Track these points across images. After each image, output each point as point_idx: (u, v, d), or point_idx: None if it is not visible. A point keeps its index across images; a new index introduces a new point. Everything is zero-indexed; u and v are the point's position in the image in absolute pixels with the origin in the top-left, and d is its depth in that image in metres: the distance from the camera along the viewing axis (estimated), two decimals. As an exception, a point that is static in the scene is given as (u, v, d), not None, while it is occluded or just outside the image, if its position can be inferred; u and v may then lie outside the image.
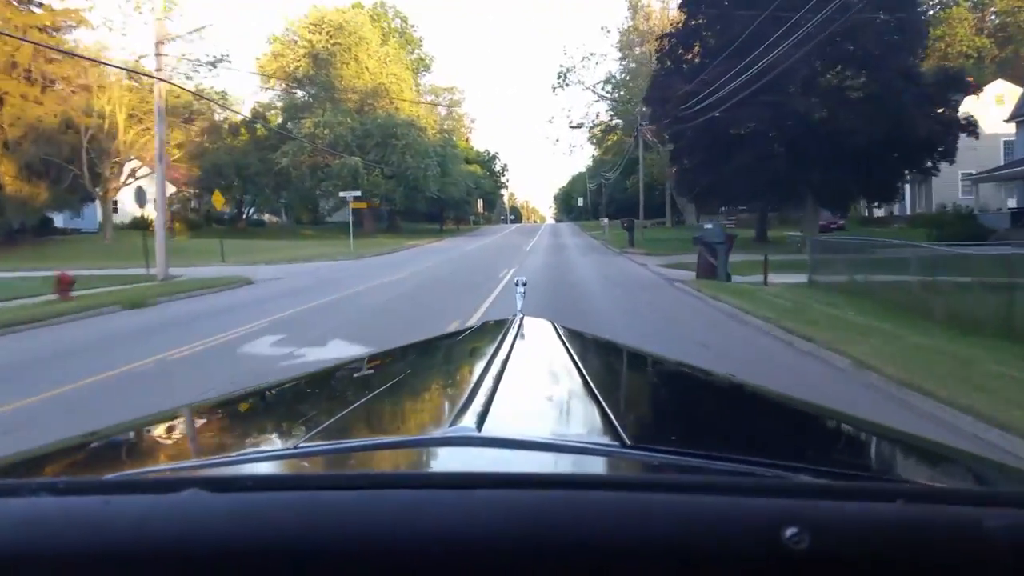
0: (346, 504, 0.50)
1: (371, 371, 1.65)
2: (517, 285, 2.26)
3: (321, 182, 52.43)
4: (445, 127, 60.39)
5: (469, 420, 0.77)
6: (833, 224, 38.62)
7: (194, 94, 41.88)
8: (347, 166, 49.75)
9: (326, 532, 0.48)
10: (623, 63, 57.47)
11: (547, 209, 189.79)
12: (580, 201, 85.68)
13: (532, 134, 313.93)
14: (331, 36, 52.73)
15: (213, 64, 41.26)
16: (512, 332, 1.59)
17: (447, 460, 0.71)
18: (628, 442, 0.73)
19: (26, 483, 0.55)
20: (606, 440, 0.75)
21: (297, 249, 34.38)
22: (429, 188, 51.83)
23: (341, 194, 35.41)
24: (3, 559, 0.47)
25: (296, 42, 53.91)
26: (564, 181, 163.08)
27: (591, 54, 58.33)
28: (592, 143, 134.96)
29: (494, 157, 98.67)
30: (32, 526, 0.49)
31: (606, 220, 41.37)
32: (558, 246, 36.73)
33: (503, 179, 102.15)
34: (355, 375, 1.62)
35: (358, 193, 35.01)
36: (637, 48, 56.72)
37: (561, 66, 53.43)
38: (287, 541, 0.47)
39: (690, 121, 25.51)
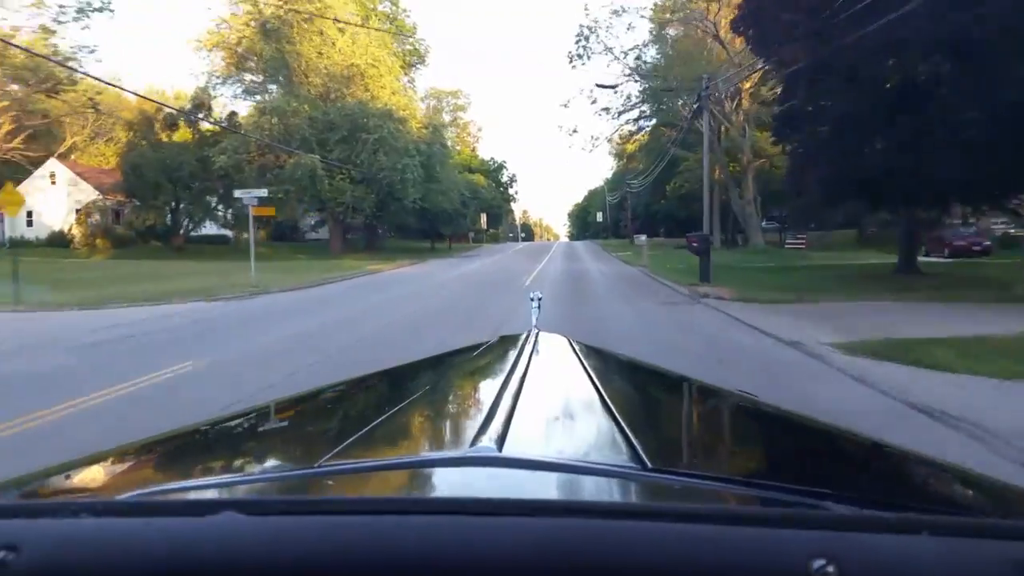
0: (375, 529, 0.51)
1: (389, 387, 1.65)
2: (532, 300, 2.26)
3: (269, 187, 41.03)
4: (434, 122, 48.56)
5: (489, 440, 0.77)
6: (976, 245, 26.51)
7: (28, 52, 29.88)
8: (301, 167, 38.38)
9: (355, 557, 0.50)
10: (656, 44, 45.51)
11: (561, 227, 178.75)
12: (599, 216, 74.37)
13: (546, 149, 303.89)
14: (285, 1, 41.54)
15: (82, 12, 29.79)
16: (528, 348, 1.57)
17: (470, 481, 0.71)
18: (649, 464, 0.74)
19: (67, 504, 0.58)
20: (627, 462, 0.75)
21: (179, 279, 22.80)
22: (408, 196, 40.18)
23: (237, 194, 23.83)
24: None
25: (240, 7, 42.55)
26: (580, 197, 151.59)
27: (621, 9, 45.29)
28: (612, 154, 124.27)
29: (501, 167, 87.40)
30: (74, 548, 0.51)
31: (644, 238, 29.04)
32: (575, 275, 24.90)
33: (511, 191, 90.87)
34: (373, 391, 1.63)
35: (262, 193, 23.36)
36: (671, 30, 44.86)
37: (581, 27, 41.15)
38: (317, 565, 0.49)
39: (821, 53, 13.58)
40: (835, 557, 0.46)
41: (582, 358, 1.58)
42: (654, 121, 50.57)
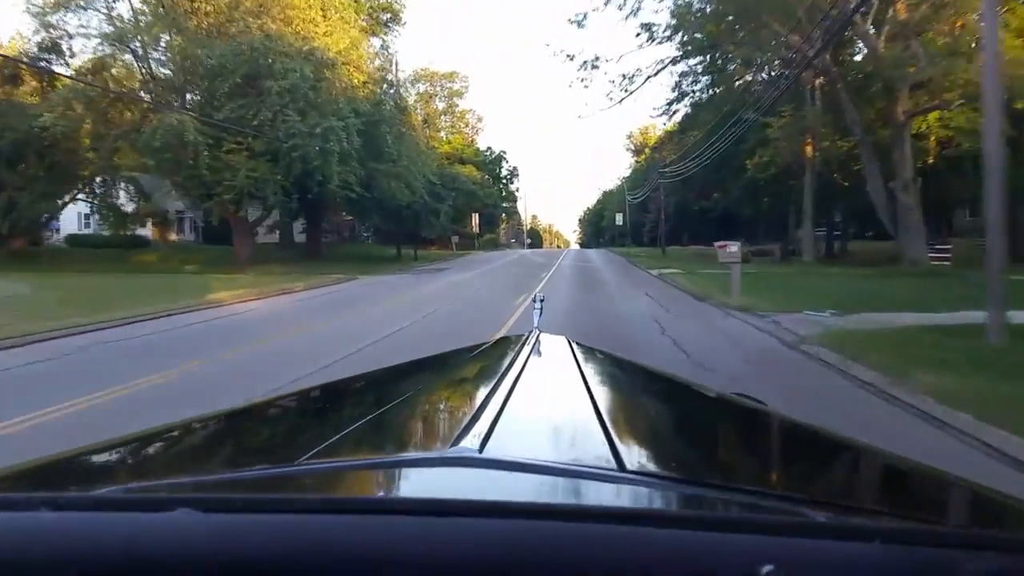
0: (333, 528, 0.51)
1: (379, 387, 1.66)
2: (535, 301, 2.27)
3: (113, 159, 26.95)
4: (386, 75, 34.08)
5: (472, 441, 0.78)
6: None
7: None
8: (162, 128, 24.36)
9: (312, 556, 0.49)
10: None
11: (572, 234, 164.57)
12: (618, 218, 60.33)
13: (557, 151, 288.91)
14: None
15: None
16: (527, 349, 1.58)
17: (445, 482, 0.71)
18: (627, 467, 0.75)
19: (28, 497, 0.59)
20: (603, 464, 0.75)
21: None
22: (330, 176, 25.96)
23: None
24: (5, 570, 0.49)
25: None
26: (592, 202, 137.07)
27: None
28: (629, 150, 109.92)
29: (499, 158, 73.37)
30: (31, 539, 0.52)
31: (735, 248, 14.14)
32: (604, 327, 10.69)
33: (512, 187, 76.76)
34: (363, 391, 1.63)
35: None
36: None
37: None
38: (272, 564, 0.49)
39: None
40: (784, 563, 0.45)
41: (579, 360, 1.58)
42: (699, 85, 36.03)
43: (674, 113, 39.26)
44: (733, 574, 0.46)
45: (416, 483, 0.73)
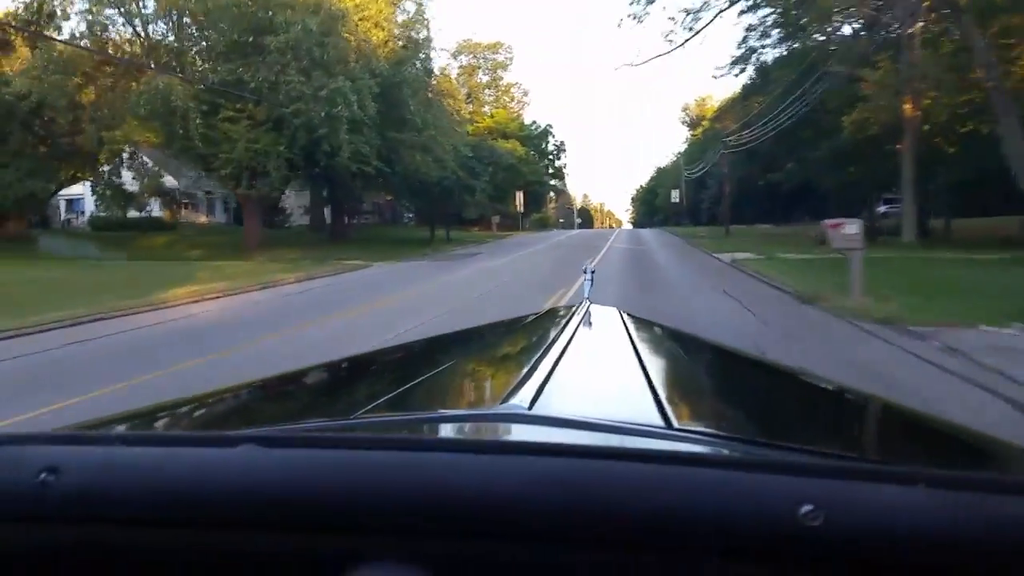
0: (388, 463, 0.54)
1: (430, 352, 1.68)
2: (585, 272, 2.31)
3: (102, 133, 23.77)
4: (410, 30, 29.71)
5: (522, 398, 0.79)
6: None
7: None
8: (148, 94, 21.07)
9: (368, 488, 0.52)
10: None
11: (624, 213, 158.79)
12: (674, 195, 55.50)
13: (608, 127, 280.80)
14: None
15: None
16: (577, 318, 1.58)
17: (494, 433, 0.75)
18: (674, 425, 0.76)
19: (104, 435, 0.65)
20: (652, 422, 0.77)
21: None
22: (338, 146, 22.29)
23: None
24: (84, 497, 0.54)
25: None
26: (645, 179, 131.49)
27: None
28: (684, 122, 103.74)
29: (545, 132, 68.91)
30: (108, 472, 0.56)
31: (856, 228, 9.78)
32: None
33: (559, 163, 72.18)
34: (414, 356, 1.67)
35: None
36: None
37: None
38: (331, 495, 0.52)
39: None
40: (823, 503, 0.47)
41: (630, 329, 1.58)
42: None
43: (741, 72, 33.98)
44: (773, 512, 0.48)
45: (467, 434, 0.76)
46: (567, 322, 1.51)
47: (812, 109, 29.03)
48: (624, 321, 1.73)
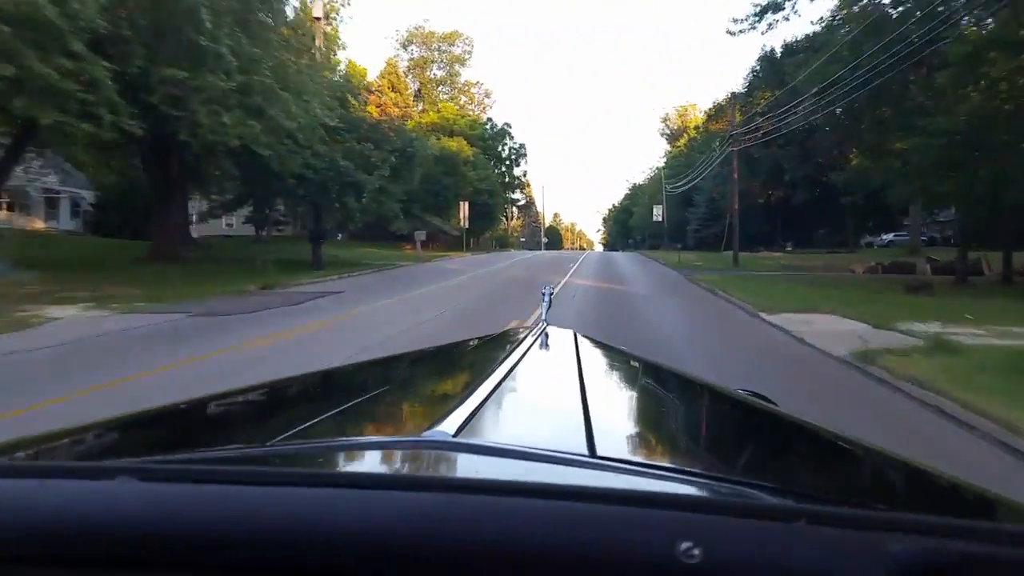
0: (267, 500, 0.52)
1: (370, 374, 1.67)
2: (543, 293, 2.28)
3: None
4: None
5: (449, 425, 0.78)
6: None
7: None
8: None
9: (244, 527, 0.50)
10: None
11: (596, 233, 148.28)
12: (656, 213, 44.62)
13: (580, 140, 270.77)
14: None
15: None
16: (528, 341, 1.57)
17: (410, 463, 0.72)
18: (597, 453, 0.76)
19: None
20: (574, 450, 0.75)
21: None
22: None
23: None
24: None
25: None
26: (619, 197, 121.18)
27: None
28: (664, 134, 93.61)
29: (503, 132, 57.74)
30: None
31: None
32: None
33: (518, 171, 61.01)
34: (352, 378, 1.64)
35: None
36: None
37: None
38: (203, 534, 0.50)
39: None
40: (702, 539, 0.46)
41: (581, 353, 1.57)
42: None
43: (768, 29, 23.15)
44: (651, 549, 0.47)
45: (378, 463, 0.74)
46: (518, 345, 1.49)
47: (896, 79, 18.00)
48: (577, 345, 1.68)
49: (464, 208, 44.24)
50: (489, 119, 58.06)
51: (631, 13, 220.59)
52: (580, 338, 1.80)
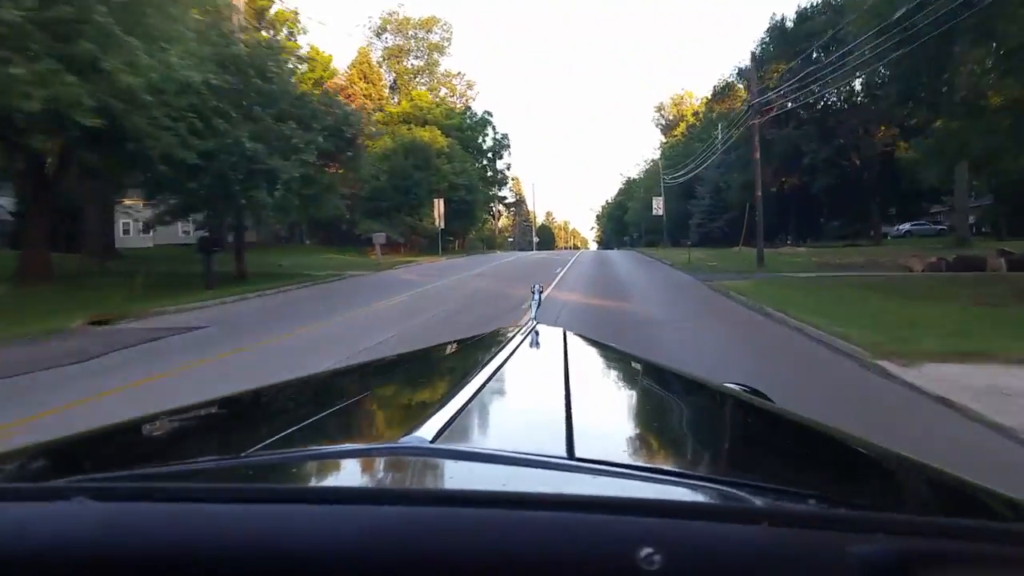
0: (220, 518, 0.51)
1: (353, 379, 1.65)
2: (532, 292, 2.24)
3: None
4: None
5: (428, 430, 0.76)
6: None
7: None
8: None
9: (198, 545, 0.49)
10: None
11: (590, 231, 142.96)
12: (656, 206, 39.66)
13: (572, 135, 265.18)
14: None
15: None
16: (516, 341, 1.55)
17: (386, 471, 0.71)
18: (575, 455, 0.74)
19: None
20: (553, 453, 0.73)
21: None
22: None
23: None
24: None
25: None
26: (613, 193, 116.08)
27: None
28: (659, 125, 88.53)
29: (484, 122, 52.60)
30: None
31: None
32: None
33: (501, 164, 55.67)
34: (336, 384, 1.61)
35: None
36: None
37: None
38: (157, 554, 0.48)
39: None
40: (664, 545, 0.45)
41: (569, 352, 1.52)
42: None
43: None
44: (611, 556, 0.46)
45: (352, 472, 0.72)
46: (504, 346, 1.47)
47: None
48: (565, 343, 1.63)
49: (439, 206, 39.08)
50: (468, 108, 52.87)
51: (620, 2, 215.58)
52: (570, 336, 1.75)
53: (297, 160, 17.19)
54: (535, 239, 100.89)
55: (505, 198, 79.06)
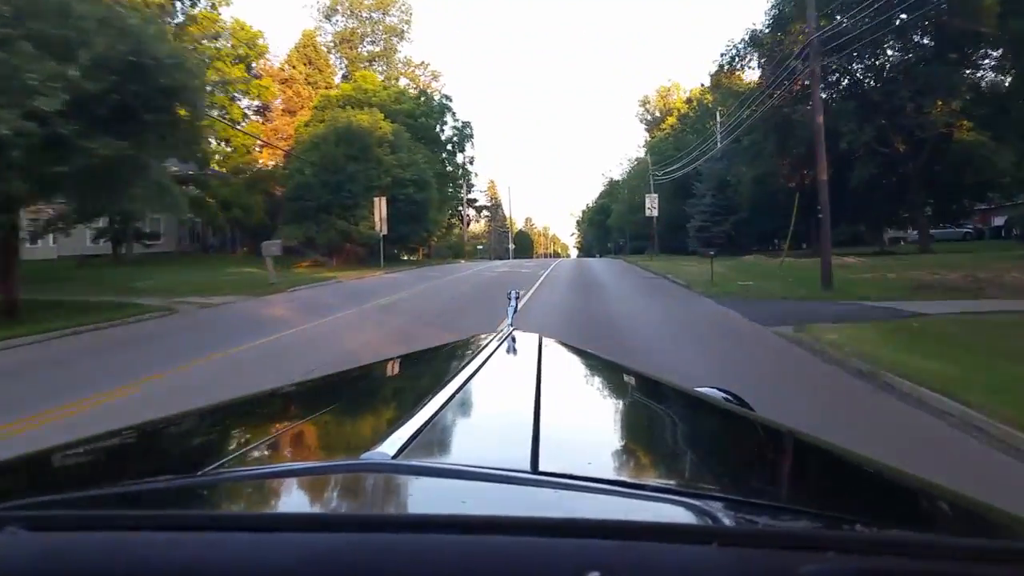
0: (153, 546, 0.50)
1: (321, 391, 1.59)
2: (509, 297, 2.19)
3: None
4: None
5: (391, 445, 0.74)
6: None
7: None
8: None
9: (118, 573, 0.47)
10: None
11: (571, 237, 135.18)
12: (648, 206, 32.17)
13: (552, 138, 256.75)
14: None
15: None
16: (491, 348, 1.50)
17: (349, 485, 0.69)
18: (539, 468, 0.73)
19: None
20: (517, 467, 0.71)
21: None
22: None
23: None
24: None
25: None
26: (595, 195, 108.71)
27: None
28: (644, 120, 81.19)
29: (442, 109, 44.75)
30: None
31: None
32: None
33: (462, 158, 47.59)
34: (304, 396, 1.57)
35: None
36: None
37: None
38: None
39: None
40: (611, 568, 0.44)
41: (544, 360, 1.47)
42: None
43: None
44: None
45: (309, 490, 0.70)
46: (478, 353, 1.43)
47: None
48: (540, 351, 1.58)
49: (380, 206, 31.16)
50: (424, 92, 45.00)
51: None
52: (546, 342, 1.71)
53: (20, 110, 9.25)
54: (511, 247, 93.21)
55: (476, 200, 71.26)
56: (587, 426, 1.16)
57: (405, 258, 41.37)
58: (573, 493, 0.64)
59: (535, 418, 0.96)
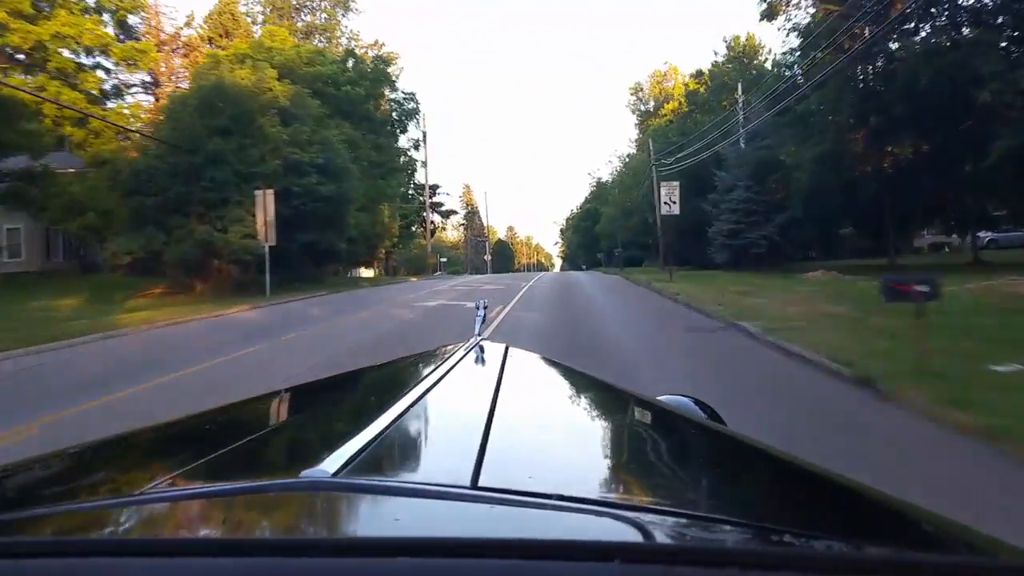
0: (49, 573, 0.49)
1: (276, 405, 1.57)
2: (477, 307, 2.15)
3: None
4: None
5: (333, 462, 0.72)
6: None
7: None
8: None
9: None
10: None
11: (555, 246, 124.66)
12: (665, 201, 22.46)
13: (534, 142, 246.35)
14: None
15: None
16: (455, 359, 1.48)
17: (283, 506, 0.67)
18: (479, 484, 0.71)
19: None
20: (458, 483, 0.71)
21: None
22: None
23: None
24: None
25: None
26: (580, 200, 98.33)
27: None
28: (638, 111, 70.85)
29: (379, 74, 34.38)
30: None
31: None
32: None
33: (405, 141, 37.21)
34: (256, 410, 1.53)
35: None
36: None
37: None
38: None
39: None
40: None
41: (506, 371, 1.44)
42: None
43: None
44: None
45: (240, 513, 0.68)
46: (441, 364, 1.41)
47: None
48: (504, 362, 1.55)
49: (265, 202, 20.66)
50: (351, 52, 34.67)
51: None
52: (512, 352, 1.69)
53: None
54: (487, 257, 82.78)
55: (442, 204, 60.65)
56: (537, 439, 1.12)
57: (363, 273, 30.85)
58: (506, 508, 0.63)
59: (485, 431, 0.92)
